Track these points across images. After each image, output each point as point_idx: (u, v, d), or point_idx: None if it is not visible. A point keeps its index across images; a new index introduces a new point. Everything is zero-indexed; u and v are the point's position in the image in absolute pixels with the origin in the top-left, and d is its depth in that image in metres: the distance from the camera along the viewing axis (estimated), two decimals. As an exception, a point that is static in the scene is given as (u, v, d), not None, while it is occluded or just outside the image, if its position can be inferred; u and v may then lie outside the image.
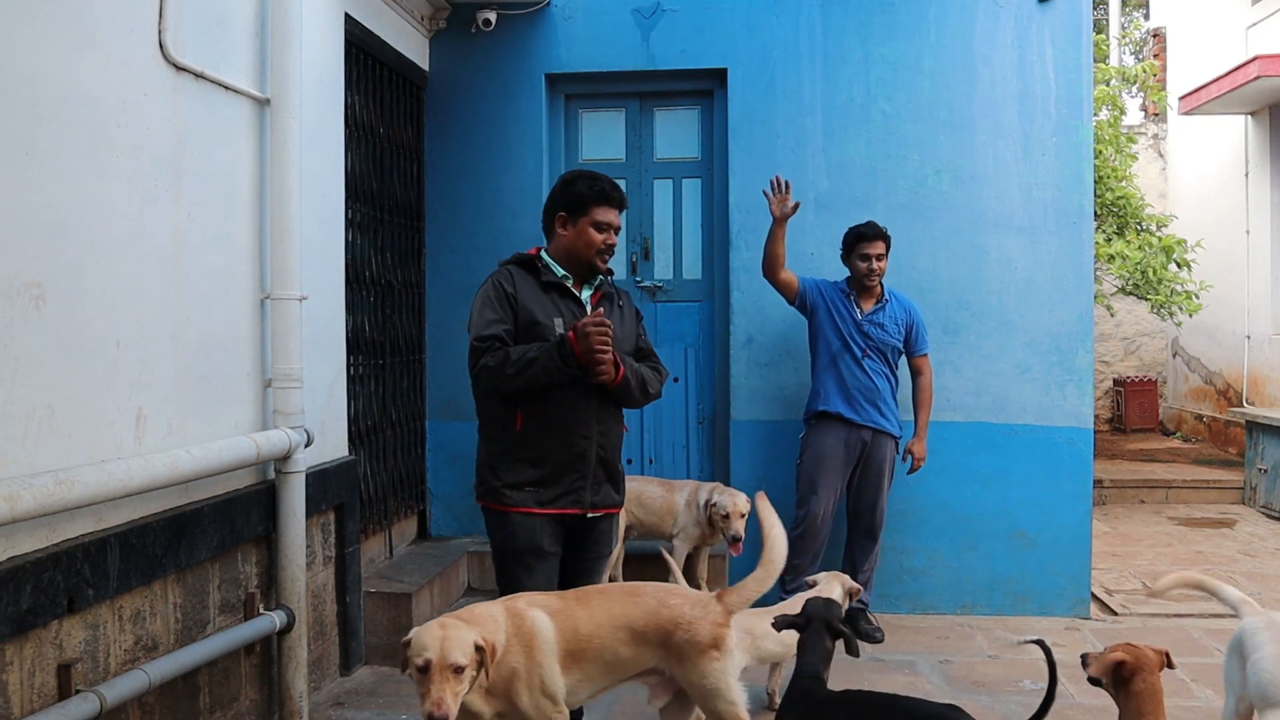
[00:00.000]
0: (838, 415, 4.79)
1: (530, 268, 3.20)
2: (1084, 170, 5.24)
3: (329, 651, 4.24)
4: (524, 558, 3.12)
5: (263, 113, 3.70)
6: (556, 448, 3.10)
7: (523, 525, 3.11)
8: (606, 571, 3.57)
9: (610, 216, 3.19)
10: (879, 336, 4.82)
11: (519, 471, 3.11)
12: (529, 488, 3.11)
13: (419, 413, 5.45)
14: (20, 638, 2.52)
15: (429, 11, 5.32)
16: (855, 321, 4.83)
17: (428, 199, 5.50)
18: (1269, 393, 9.19)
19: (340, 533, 4.29)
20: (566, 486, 3.12)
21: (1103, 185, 8.14)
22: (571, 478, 3.13)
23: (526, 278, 3.17)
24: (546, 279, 3.17)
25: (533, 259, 3.21)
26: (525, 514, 3.11)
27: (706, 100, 5.56)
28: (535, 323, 3.09)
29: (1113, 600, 5.39)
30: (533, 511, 3.11)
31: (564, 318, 3.12)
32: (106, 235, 2.88)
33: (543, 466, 3.10)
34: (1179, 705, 3.96)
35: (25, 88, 2.57)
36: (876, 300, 4.87)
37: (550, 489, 3.11)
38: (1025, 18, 5.22)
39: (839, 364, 4.82)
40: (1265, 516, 7.67)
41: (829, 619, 2.91)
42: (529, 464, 3.10)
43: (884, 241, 4.80)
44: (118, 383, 2.92)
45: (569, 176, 3.27)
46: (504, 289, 3.12)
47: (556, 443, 3.10)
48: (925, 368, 4.97)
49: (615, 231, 3.21)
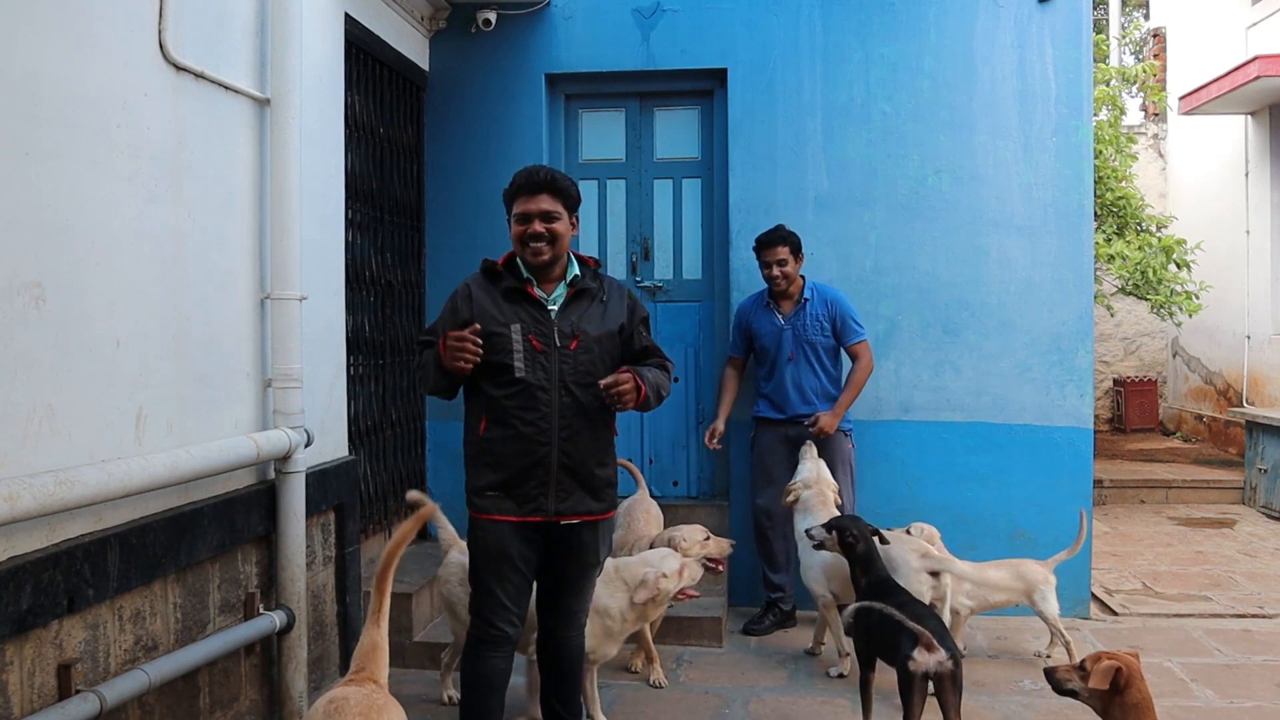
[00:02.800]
0: (767, 419, 4.98)
1: (491, 275, 3.18)
2: (1084, 170, 5.24)
3: (329, 651, 4.24)
4: (492, 564, 3.11)
5: (263, 113, 3.70)
6: (514, 454, 3.06)
7: (490, 531, 3.10)
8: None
9: (528, 205, 3.07)
10: (801, 337, 4.90)
11: (482, 476, 3.11)
12: (490, 493, 3.09)
13: (419, 413, 5.45)
14: (20, 638, 2.52)
15: (429, 11, 5.32)
16: (777, 328, 4.93)
17: (428, 199, 5.50)
18: (1269, 393, 9.19)
19: (340, 533, 4.29)
20: (527, 493, 3.08)
21: (1103, 185, 8.14)
22: (530, 485, 3.07)
23: (487, 286, 3.15)
24: (506, 285, 3.13)
25: (493, 266, 3.19)
26: (490, 520, 3.10)
27: (706, 100, 5.56)
28: (491, 332, 3.04)
29: (1112, 600, 5.39)
30: (495, 518, 3.09)
31: (522, 322, 3.07)
32: (106, 235, 2.88)
33: (501, 471, 3.07)
34: (1179, 705, 3.97)
35: (25, 88, 2.57)
36: (795, 303, 4.93)
37: (511, 495, 3.08)
38: (1025, 18, 5.22)
39: (770, 369, 4.97)
40: (1265, 516, 7.67)
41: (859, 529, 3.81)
42: (490, 469, 3.09)
43: (786, 246, 4.83)
44: (117, 382, 2.92)
45: None
46: (456, 303, 3.15)
47: (514, 449, 3.06)
48: (861, 353, 4.95)
49: (542, 218, 3.06)
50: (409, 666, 4.48)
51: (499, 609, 3.13)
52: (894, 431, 5.24)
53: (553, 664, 3.35)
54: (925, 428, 5.24)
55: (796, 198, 5.30)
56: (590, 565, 3.27)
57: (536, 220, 3.07)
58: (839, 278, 5.24)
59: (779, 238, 4.84)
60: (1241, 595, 5.48)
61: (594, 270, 3.26)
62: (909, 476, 5.14)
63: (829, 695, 4.11)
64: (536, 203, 3.08)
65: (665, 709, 4.01)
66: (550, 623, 3.31)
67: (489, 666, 3.16)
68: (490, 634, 3.14)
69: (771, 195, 5.30)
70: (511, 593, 3.12)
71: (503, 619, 3.13)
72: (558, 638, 3.32)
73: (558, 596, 3.27)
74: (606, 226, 5.62)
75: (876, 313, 5.25)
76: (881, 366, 5.22)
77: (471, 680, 3.17)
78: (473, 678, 3.17)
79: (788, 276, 4.86)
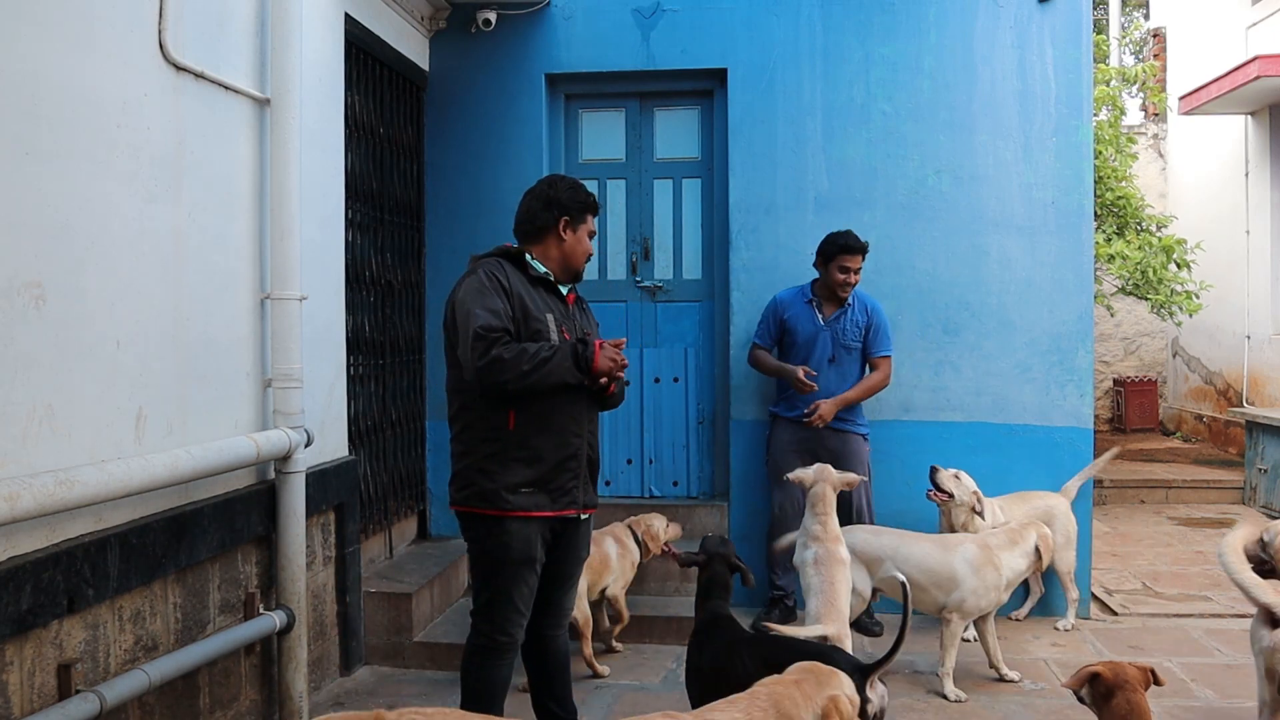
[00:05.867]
0: (788, 418, 4.95)
1: (518, 261, 3.13)
2: (1084, 170, 5.24)
3: (329, 651, 4.24)
4: (518, 569, 3.02)
5: (263, 113, 3.70)
6: (552, 446, 3.02)
7: (519, 533, 3.01)
8: None
9: (594, 227, 3.26)
10: (839, 342, 4.89)
11: (514, 472, 3.00)
12: (524, 490, 3.00)
13: (419, 413, 5.45)
14: (20, 638, 2.52)
15: (429, 11, 5.32)
16: (816, 328, 4.91)
17: (428, 199, 5.49)
18: (1269, 393, 9.19)
19: (340, 533, 4.29)
20: (562, 487, 3.05)
21: (1103, 185, 8.14)
22: (566, 477, 3.06)
23: (516, 271, 3.10)
24: (534, 274, 3.13)
25: (518, 253, 3.15)
26: (523, 519, 3.01)
27: (706, 100, 5.56)
28: (530, 317, 3.01)
29: (1113, 600, 5.39)
30: (531, 515, 3.01)
31: (554, 314, 3.09)
32: (106, 235, 2.88)
33: (538, 466, 3.01)
34: (1179, 705, 3.97)
35: (25, 88, 2.57)
36: (839, 305, 4.92)
37: (546, 490, 3.03)
38: (1025, 18, 5.22)
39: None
40: (1265, 516, 7.67)
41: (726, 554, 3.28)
42: (523, 464, 3.00)
43: (864, 255, 4.84)
44: (118, 382, 2.92)
45: (569, 181, 3.24)
46: (498, 279, 3.02)
47: (552, 441, 3.02)
48: (881, 367, 4.95)
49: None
50: (409, 666, 4.47)
51: (515, 615, 3.06)
52: (894, 431, 5.24)
53: (542, 665, 3.30)
54: (925, 428, 5.24)
55: (796, 198, 5.30)
56: (583, 559, 3.30)
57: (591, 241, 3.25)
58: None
59: (863, 246, 4.82)
60: (1241, 595, 5.47)
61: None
62: (909, 476, 5.13)
63: (829, 695, 4.10)
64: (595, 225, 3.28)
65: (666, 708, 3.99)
66: (539, 623, 3.22)
67: (497, 676, 3.09)
68: (500, 641, 3.06)
69: (771, 195, 5.30)
70: (526, 596, 3.07)
71: (516, 625, 3.07)
72: (545, 637, 3.27)
73: (553, 594, 3.24)
74: (606, 226, 5.61)
75: (876, 313, 5.25)
76: (881, 366, 5.24)
77: (477, 689, 3.08)
78: (480, 686, 3.08)
79: (856, 284, 4.88)
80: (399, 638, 4.51)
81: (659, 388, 5.52)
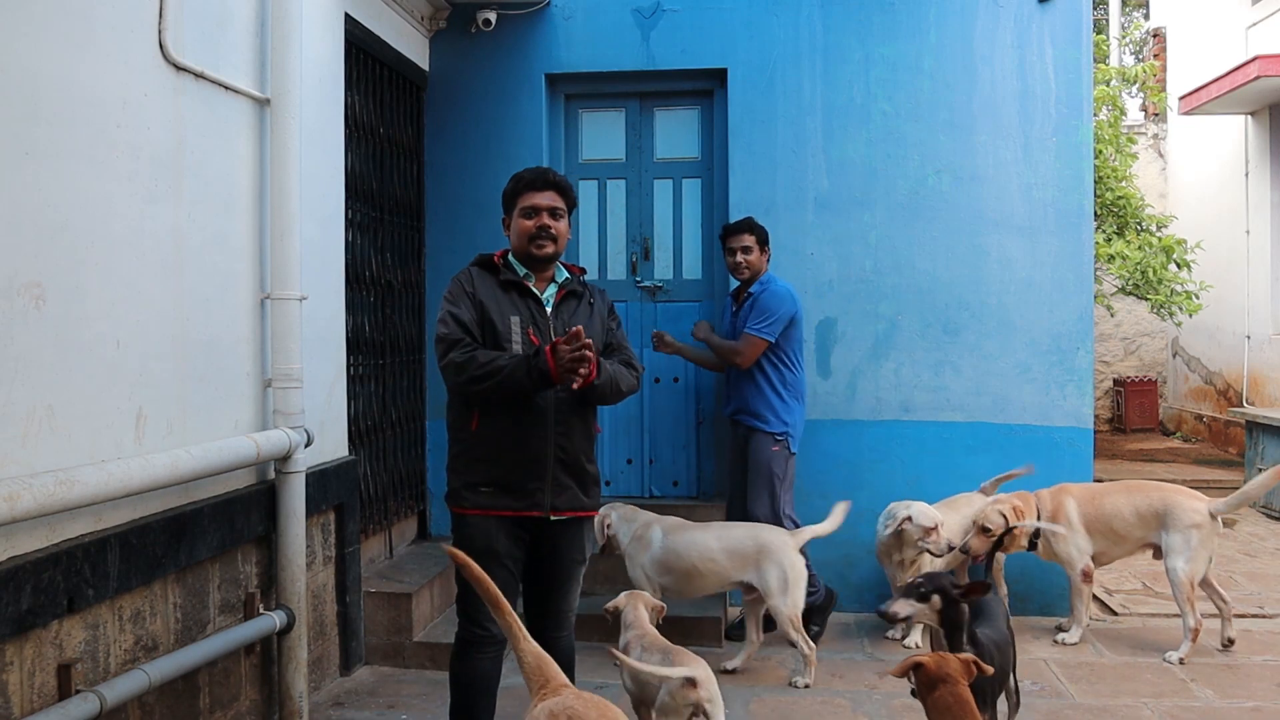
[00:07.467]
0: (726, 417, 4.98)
1: (489, 267, 3.19)
2: (1084, 170, 5.24)
3: (329, 651, 4.24)
4: (482, 562, 2.99)
5: (263, 113, 3.70)
6: (511, 448, 3.06)
7: (478, 527, 3.08)
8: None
9: (537, 200, 3.14)
10: (740, 327, 4.78)
11: (475, 472, 3.09)
12: (484, 489, 3.08)
13: (419, 413, 5.45)
14: (20, 638, 2.52)
15: (429, 11, 5.32)
16: (731, 319, 4.91)
17: (428, 199, 5.50)
18: (1269, 393, 9.19)
19: (340, 533, 4.29)
20: (523, 489, 3.08)
21: (1103, 185, 8.14)
22: (528, 480, 3.08)
23: (485, 276, 3.17)
24: (505, 277, 3.16)
25: (491, 259, 3.21)
26: (480, 516, 3.08)
27: (706, 100, 5.56)
28: (489, 320, 3.07)
29: (1112, 600, 5.39)
30: (488, 513, 3.08)
31: (520, 316, 3.10)
32: (106, 235, 2.88)
33: (497, 467, 3.07)
34: (1179, 705, 3.97)
35: (25, 88, 2.57)
36: (747, 295, 4.84)
37: (506, 491, 3.07)
38: (1025, 18, 5.22)
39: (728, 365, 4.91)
40: (1265, 516, 7.67)
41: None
42: (484, 464, 3.08)
43: (752, 234, 4.76)
44: (117, 383, 2.92)
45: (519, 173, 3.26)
46: (463, 286, 3.13)
47: (511, 443, 3.06)
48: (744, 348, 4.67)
49: (550, 213, 3.14)
50: (409, 666, 4.47)
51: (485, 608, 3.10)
52: (894, 431, 5.24)
53: None
54: (925, 428, 5.24)
55: (796, 198, 5.30)
56: (577, 564, 3.28)
57: (545, 214, 3.14)
58: (839, 278, 5.25)
59: (746, 226, 4.77)
60: (1241, 595, 5.47)
61: (579, 276, 3.33)
62: (909, 476, 5.14)
63: (828, 695, 4.11)
64: (546, 197, 3.16)
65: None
66: (539, 625, 3.25)
67: (477, 668, 3.15)
68: (476, 634, 3.13)
69: (771, 195, 5.30)
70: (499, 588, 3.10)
71: (489, 618, 3.07)
72: (548, 639, 3.26)
73: (546, 597, 3.26)
74: (606, 226, 5.62)
75: (876, 313, 5.26)
76: (881, 366, 5.23)
77: (459, 681, 3.18)
78: (460, 679, 3.18)
79: (750, 264, 4.77)
80: (399, 638, 4.51)
81: (659, 388, 5.52)
